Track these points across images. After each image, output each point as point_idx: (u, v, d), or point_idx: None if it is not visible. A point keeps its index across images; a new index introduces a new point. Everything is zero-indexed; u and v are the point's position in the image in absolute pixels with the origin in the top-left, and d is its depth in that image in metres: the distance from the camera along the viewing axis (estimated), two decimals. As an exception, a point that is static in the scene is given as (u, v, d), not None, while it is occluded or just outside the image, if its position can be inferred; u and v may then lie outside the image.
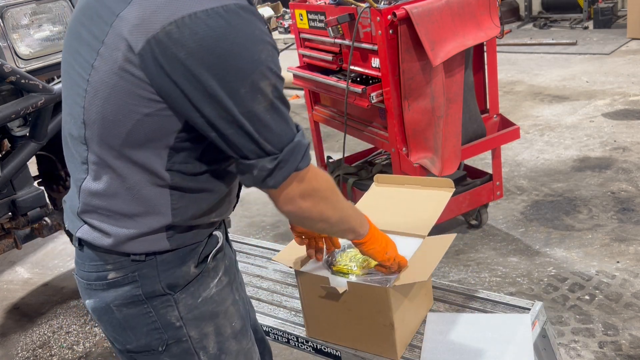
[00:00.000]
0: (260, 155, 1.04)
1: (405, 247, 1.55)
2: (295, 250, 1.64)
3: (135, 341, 1.20)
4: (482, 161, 4.00)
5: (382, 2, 2.67)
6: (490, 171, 3.24)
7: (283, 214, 1.15)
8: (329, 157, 3.64)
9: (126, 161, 1.07)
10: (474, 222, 3.35)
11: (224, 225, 1.31)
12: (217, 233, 1.24)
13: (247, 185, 1.11)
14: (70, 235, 1.22)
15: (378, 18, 2.60)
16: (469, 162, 3.61)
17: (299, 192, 1.11)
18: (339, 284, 1.50)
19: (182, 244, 1.16)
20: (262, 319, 1.77)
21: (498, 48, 3.97)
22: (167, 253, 1.15)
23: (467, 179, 3.25)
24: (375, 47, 2.70)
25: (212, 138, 1.04)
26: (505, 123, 3.13)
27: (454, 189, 1.72)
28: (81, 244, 1.17)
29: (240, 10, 0.98)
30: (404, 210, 1.74)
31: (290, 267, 1.59)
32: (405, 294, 1.51)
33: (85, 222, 1.15)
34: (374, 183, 1.88)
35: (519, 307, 1.64)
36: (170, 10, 0.95)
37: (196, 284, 1.19)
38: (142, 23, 0.96)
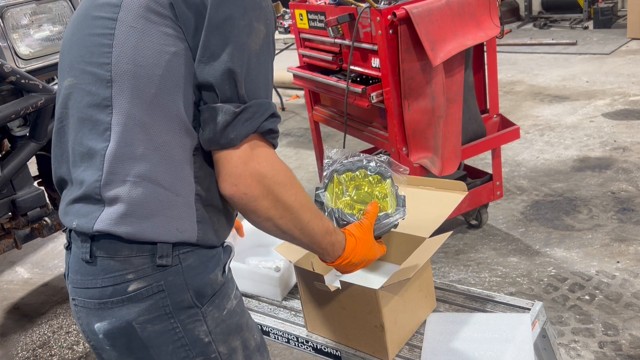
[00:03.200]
0: (230, 98, 1.03)
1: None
2: None
3: None
4: (482, 161, 4.01)
5: (382, 2, 2.67)
6: (490, 171, 3.24)
7: (226, 197, 1.07)
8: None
9: (157, 113, 1.04)
10: (474, 222, 3.35)
11: None
12: (231, 244, 1.21)
13: (205, 141, 1.05)
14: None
15: (378, 18, 2.60)
16: (469, 162, 3.62)
17: (249, 170, 1.04)
18: (332, 282, 1.50)
19: (205, 240, 1.10)
20: (262, 319, 1.77)
21: (498, 48, 3.97)
22: (192, 257, 1.09)
23: (467, 179, 3.25)
24: (375, 47, 2.70)
25: (200, 71, 1.03)
26: (505, 123, 3.13)
27: (467, 192, 1.72)
28: (93, 255, 1.07)
29: None
30: (412, 210, 1.74)
31: (290, 261, 1.60)
32: (398, 295, 1.51)
33: (108, 199, 1.04)
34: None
35: (519, 307, 1.63)
36: None
37: (220, 295, 1.13)
38: None
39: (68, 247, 1.15)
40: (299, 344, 1.71)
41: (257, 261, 1.89)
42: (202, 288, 1.09)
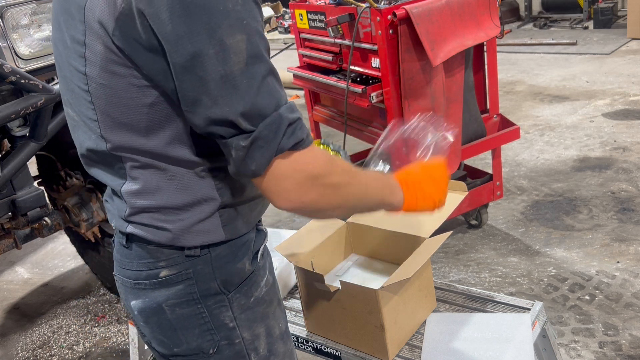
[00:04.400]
0: (233, 132, 0.92)
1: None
2: (296, 242, 1.65)
3: (185, 343, 1.15)
4: (482, 161, 4.00)
5: (382, 2, 2.67)
6: (490, 171, 3.24)
7: (287, 210, 0.99)
8: (329, 157, 3.64)
9: (158, 157, 1.02)
10: (474, 222, 3.35)
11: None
12: (264, 227, 1.20)
13: (233, 174, 0.98)
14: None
15: (378, 18, 2.60)
16: (469, 162, 3.62)
17: (295, 182, 0.95)
18: (332, 282, 1.50)
19: (235, 234, 1.10)
20: (262, 319, 1.77)
21: (498, 48, 3.97)
22: (221, 246, 1.10)
23: (467, 179, 3.25)
24: (375, 47, 2.70)
25: (188, 115, 0.94)
26: (505, 123, 3.13)
27: (467, 192, 1.72)
28: (129, 241, 1.11)
29: None
30: None
31: (290, 261, 1.60)
32: (398, 295, 1.51)
33: (135, 223, 1.08)
34: None
35: (519, 307, 1.64)
36: None
37: (249, 283, 1.14)
38: (107, 3, 0.91)
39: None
40: (299, 344, 1.71)
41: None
42: (230, 277, 1.11)
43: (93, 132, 1.04)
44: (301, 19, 3.25)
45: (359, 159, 3.68)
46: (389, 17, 2.55)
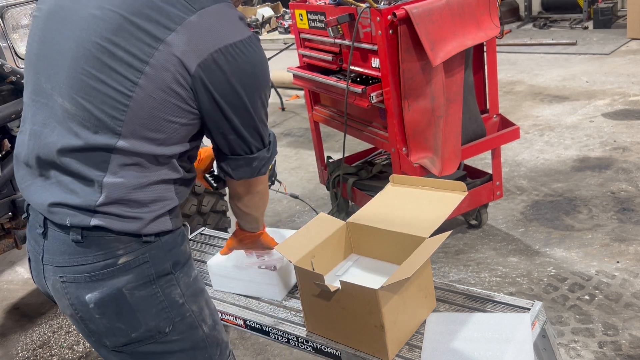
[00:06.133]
0: (259, 148, 1.34)
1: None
2: (296, 242, 1.65)
3: (144, 325, 1.28)
4: (482, 161, 4.01)
5: (382, 2, 2.67)
6: (490, 171, 3.24)
7: (252, 193, 1.46)
8: (329, 157, 3.64)
9: (153, 161, 1.23)
10: (473, 222, 3.35)
11: None
12: (186, 223, 1.47)
13: (240, 177, 1.38)
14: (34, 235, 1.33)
15: (378, 18, 2.60)
16: (469, 162, 3.62)
17: (264, 180, 1.46)
18: (332, 282, 1.50)
19: (176, 225, 1.34)
20: (262, 319, 1.78)
21: (498, 48, 3.97)
22: (168, 234, 1.31)
23: (467, 179, 3.25)
24: (375, 47, 2.70)
25: (229, 140, 1.29)
26: (505, 123, 3.13)
27: (467, 193, 1.72)
28: (85, 236, 1.23)
29: (257, 40, 1.25)
30: (412, 210, 1.75)
31: (290, 261, 1.60)
32: (398, 295, 1.51)
33: (102, 212, 1.22)
34: (389, 183, 1.90)
35: (519, 307, 1.64)
36: (216, 39, 1.18)
37: (188, 263, 1.36)
38: (192, 49, 1.16)
39: (44, 233, 1.29)
40: (299, 344, 1.71)
41: (257, 262, 1.89)
42: (177, 258, 1.32)
43: (105, 129, 1.19)
44: (301, 19, 3.25)
45: (359, 159, 3.68)
46: (389, 17, 2.56)
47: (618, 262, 2.88)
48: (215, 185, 1.82)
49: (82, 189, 1.23)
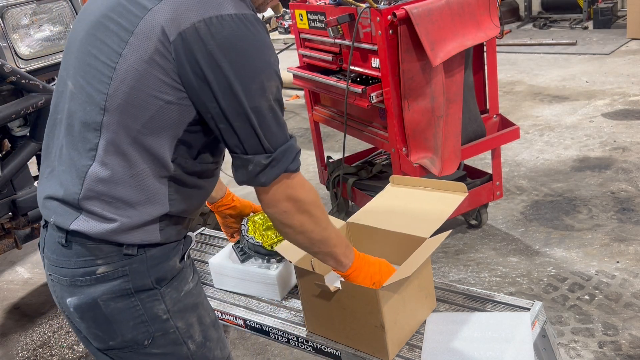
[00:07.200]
0: (257, 151, 1.16)
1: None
2: None
3: (120, 336, 1.25)
4: (482, 161, 4.01)
5: (382, 2, 2.67)
6: (490, 171, 3.24)
7: (267, 215, 1.25)
8: (329, 157, 3.64)
9: (139, 147, 1.15)
10: (473, 222, 3.35)
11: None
12: (191, 234, 1.35)
13: (239, 181, 1.21)
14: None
15: (378, 18, 2.60)
16: (469, 162, 3.62)
17: (284, 195, 1.21)
18: (333, 282, 1.50)
19: (168, 239, 1.24)
20: (262, 319, 1.78)
21: (498, 48, 3.97)
22: (156, 248, 1.22)
23: (467, 179, 3.25)
24: (375, 47, 2.70)
25: (221, 130, 1.15)
26: (505, 123, 3.13)
27: (467, 193, 1.72)
28: (68, 240, 1.20)
29: (255, 21, 1.14)
30: (413, 211, 1.75)
31: (290, 262, 1.60)
32: (398, 295, 1.52)
33: (85, 210, 1.17)
34: (389, 183, 1.90)
35: (519, 306, 1.64)
36: (201, 10, 1.09)
37: (178, 278, 1.28)
38: (176, 17, 1.09)
39: (45, 226, 1.28)
40: (299, 344, 1.71)
41: (256, 263, 1.90)
42: (162, 274, 1.24)
43: (93, 104, 1.15)
44: (301, 19, 3.25)
45: (359, 159, 3.68)
46: (389, 17, 2.56)
47: (618, 262, 2.88)
48: (240, 259, 1.86)
49: (68, 180, 1.20)
